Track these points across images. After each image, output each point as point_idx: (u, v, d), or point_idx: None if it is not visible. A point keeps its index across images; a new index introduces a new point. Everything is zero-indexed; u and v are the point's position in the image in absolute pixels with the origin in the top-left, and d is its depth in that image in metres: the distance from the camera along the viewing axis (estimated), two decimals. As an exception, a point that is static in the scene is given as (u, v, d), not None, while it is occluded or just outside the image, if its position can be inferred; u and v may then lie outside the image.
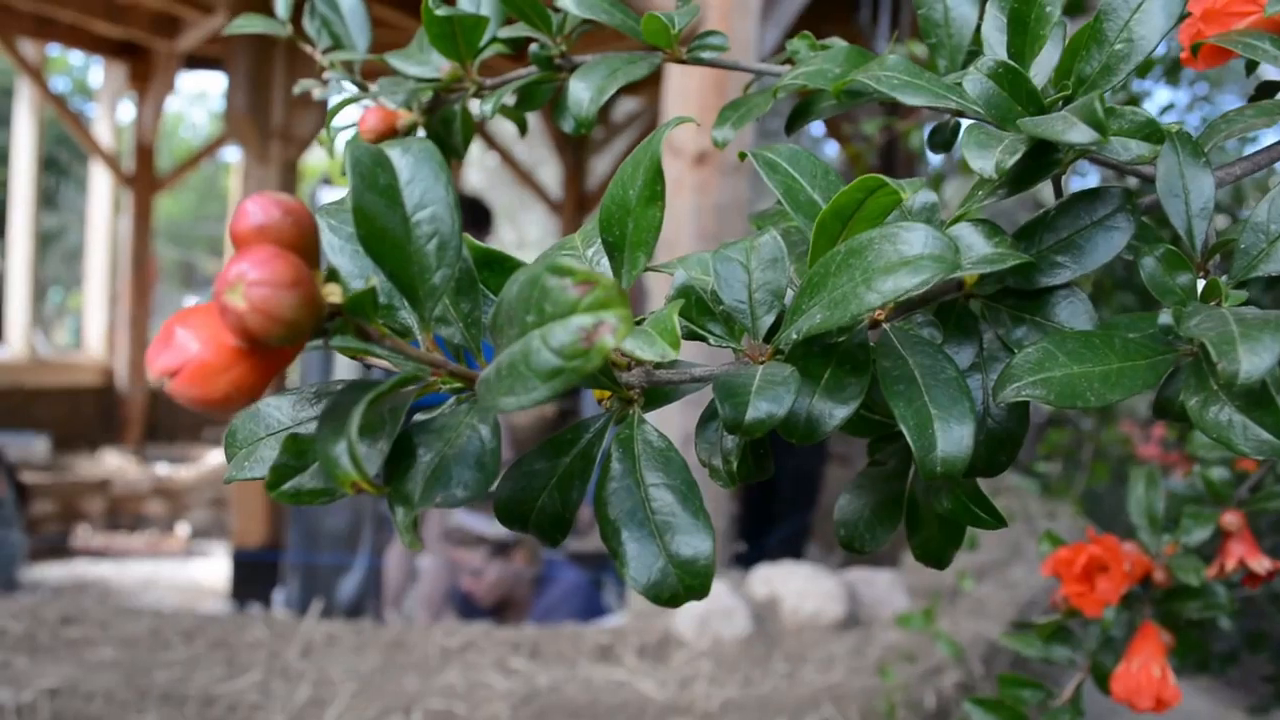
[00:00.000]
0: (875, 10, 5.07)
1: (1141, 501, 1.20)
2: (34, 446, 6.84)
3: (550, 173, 8.85)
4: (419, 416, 0.38)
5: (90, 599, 4.84)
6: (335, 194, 4.18)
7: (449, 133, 0.71)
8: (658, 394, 0.43)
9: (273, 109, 4.82)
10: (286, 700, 2.41)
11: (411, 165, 0.37)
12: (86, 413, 7.59)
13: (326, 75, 0.78)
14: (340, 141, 0.79)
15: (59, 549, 5.96)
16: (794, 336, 0.42)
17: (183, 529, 6.52)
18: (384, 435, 0.34)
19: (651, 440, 0.41)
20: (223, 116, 5.35)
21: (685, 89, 3.00)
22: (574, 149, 8.32)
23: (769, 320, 0.46)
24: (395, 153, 0.38)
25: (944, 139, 0.62)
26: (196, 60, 7.44)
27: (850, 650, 2.88)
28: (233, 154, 11.27)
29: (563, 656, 2.82)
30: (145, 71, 7.33)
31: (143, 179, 7.48)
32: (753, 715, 2.53)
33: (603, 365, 0.32)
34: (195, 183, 16.08)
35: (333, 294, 0.34)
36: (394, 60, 0.70)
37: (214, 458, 7.29)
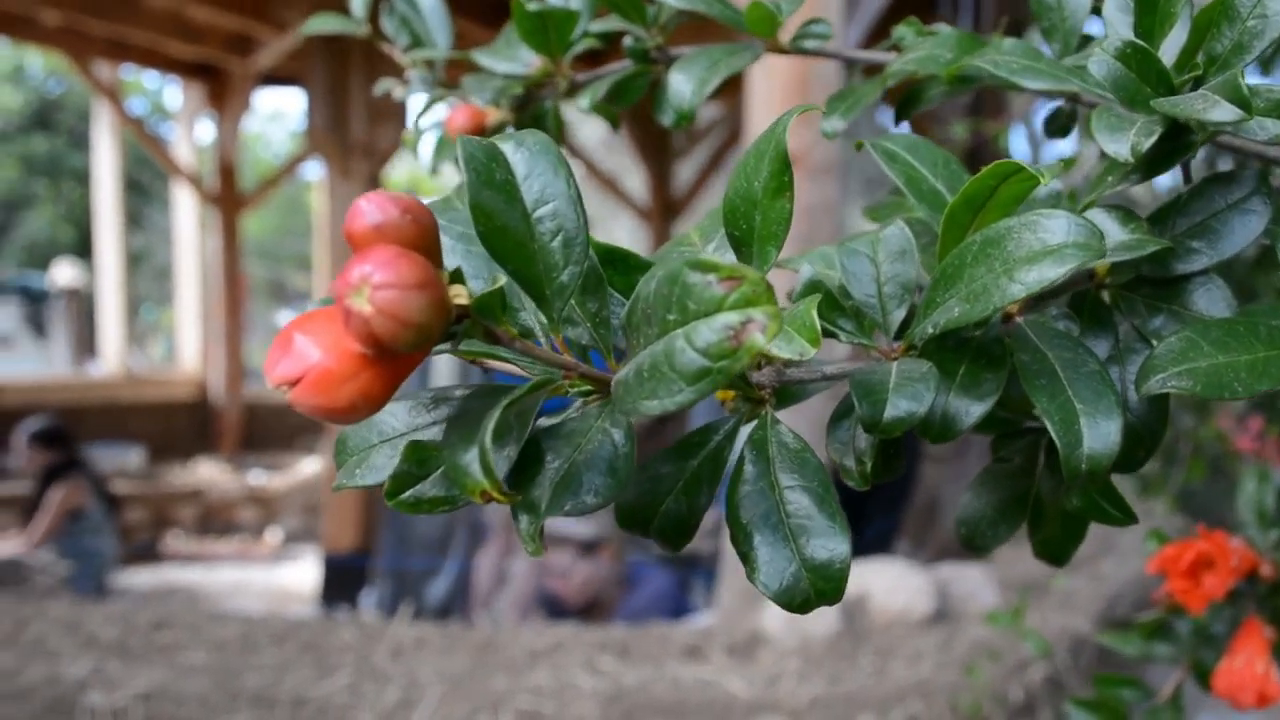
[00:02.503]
0: (955, 7, 4.98)
1: (1251, 497, 1.16)
2: (128, 457, 7.03)
3: (634, 181, 8.85)
4: (545, 421, 0.37)
5: (182, 604, 4.95)
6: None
7: (540, 128, 0.70)
8: (787, 394, 0.41)
9: (352, 123, 4.88)
10: (376, 701, 2.44)
11: (528, 160, 0.36)
12: (181, 425, 7.76)
13: (408, 75, 0.78)
14: (426, 143, 0.79)
15: (149, 555, 6.11)
16: (930, 331, 0.40)
17: (273, 534, 6.64)
18: (512, 441, 0.33)
19: (787, 442, 0.39)
20: (303, 133, 5.43)
21: (769, 90, 2.97)
22: (657, 156, 8.29)
23: (900, 315, 0.44)
24: (509, 147, 0.37)
25: (1060, 124, 0.60)
26: (272, 78, 7.55)
27: (938, 646, 2.83)
28: (314, 171, 11.48)
29: (650, 656, 2.81)
30: (222, 91, 7.45)
31: (227, 197, 7.60)
32: (840, 712, 2.51)
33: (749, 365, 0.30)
34: (278, 200, 16.37)
35: (459, 295, 0.32)
36: (481, 57, 0.69)
37: (307, 466, 7.42)
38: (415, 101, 0.82)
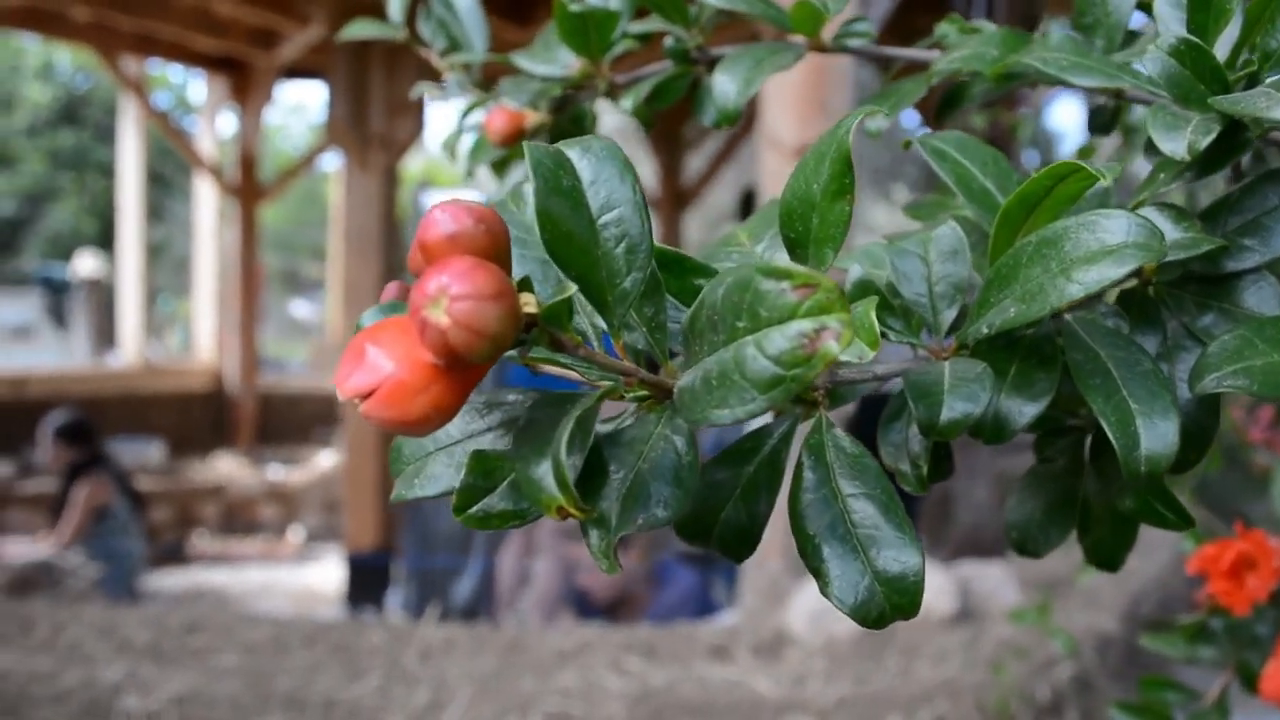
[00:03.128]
0: (969, 4, 4.96)
1: (1285, 494, 1.15)
2: (149, 452, 7.08)
3: (645, 171, 8.89)
4: (601, 428, 0.37)
5: (212, 607, 4.98)
6: (438, 197, 4.24)
7: (580, 131, 0.70)
8: (837, 395, 0.41)
9: (372, 116, 4.90)
10: (406, 703, 2.45)
11: (594, 166, 0.36)
12: (198, 417, 7.83)
13: (445, 78, 0.78)
14: (464, 145, 0.79)
15: (176, 556, 6.15)
16: (984, 331, 0.40)
17: (295, 533, 6.67)
18: (577, 451, 0.33)
19: (844, 446, 0.39)
20: (324, 125, 5.48)
21: (782, 83, 2.96)
22: (668, 147, 8.30)
23: (951, 315, 0.44)
24: (575, 153, 0.37)
25: (1103, 121, 0.59)
26: (294, 71, 7.60)
27: (963, 645, 2.83)
28: (330, 162, 11.52)
29: (677, 656, 2.82)
30: (245, 84, 7.51)
31: (247, 189, 7.67)
32: (867, 712, 2.50)
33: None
34: (294, 191, 16.49)
35: (528, 304, 0.32)
36: (520, 60, 0.69)
37: (324, 460, 7.45)
38: (442, 102, 0.82)
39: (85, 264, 9.61)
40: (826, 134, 0.39)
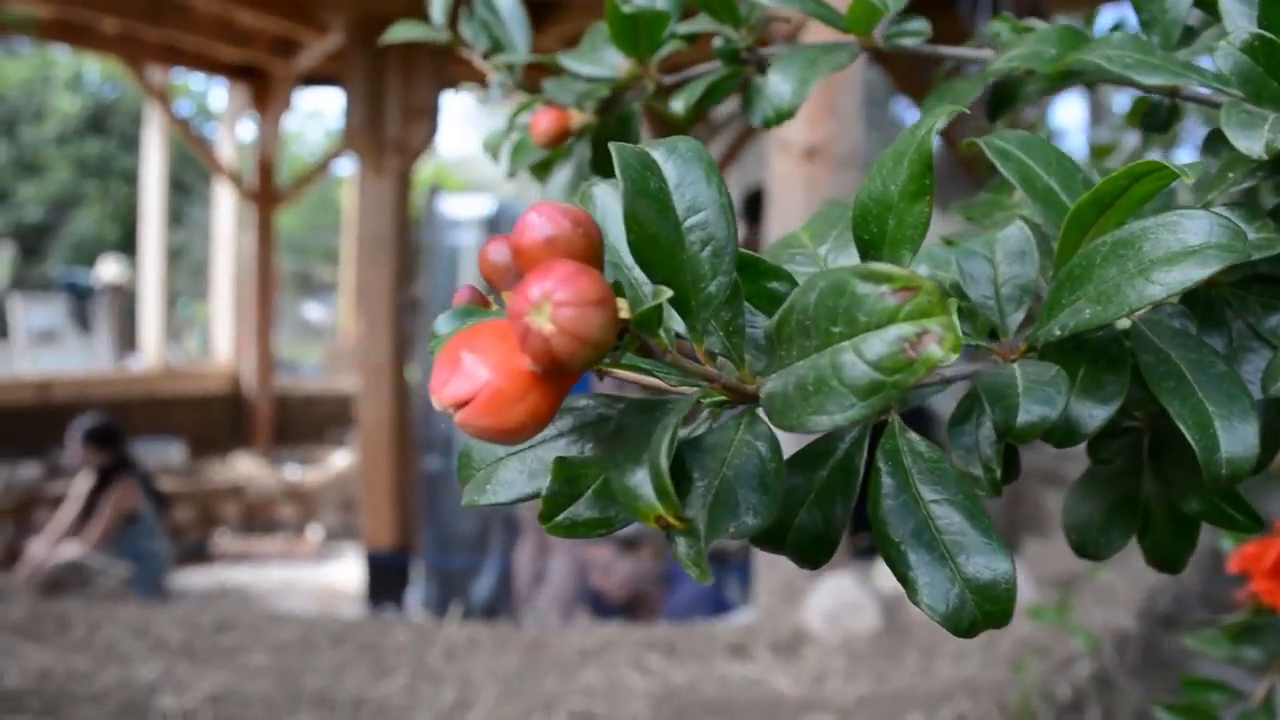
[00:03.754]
0: (974, 3, 4.94)
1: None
2: (170, 453, 7.14)
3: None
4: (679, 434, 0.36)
5: (239, 605, 5.01)
6: (452, 202, 4.25)
7: (626, 131, 0.70)
8: (904, 398, 0.40)
9: (387, 122, 4.93)
10: (433, 701, 2.45)
11: (679, 168, 0.36)
12: (217, 418, 7.89)
13: (492, 79, 0.77)
14: (507, 147, 0.79)
15: (200, 555, 6.19)
16: (1057, 333, 0.39)
17: (314, 532, 6.70)
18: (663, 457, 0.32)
19: (920, 450, 0.38)
20: (341, 131, 5.52)
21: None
22: (676, 148, 8.32)
23: (1018, 317, 0.43)
24: (660, 154, 0.36)
25: (1161, 120, 0.59)
26: (312, 79, 7.67)
27: (982, 643, 2.82)
28: (344, 167, 11.57)
29: (697, 654, 2.81)
30: (265, 92, 7.59)
31: (264, 195, 7.74)
32: (888, 710, 2.50)
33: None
34: (307, 196, 16.56)
35: (621, 309, 0.32)
36: (566, 61, 0.69)
37: (339, 459, 7.50)
38: (484, 104, 0.81)
39: (108, 269, 9.69)
40: (905, 134, 0.38)
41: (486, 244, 0.38)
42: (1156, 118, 0.58)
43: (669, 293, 0.32)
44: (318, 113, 21.76)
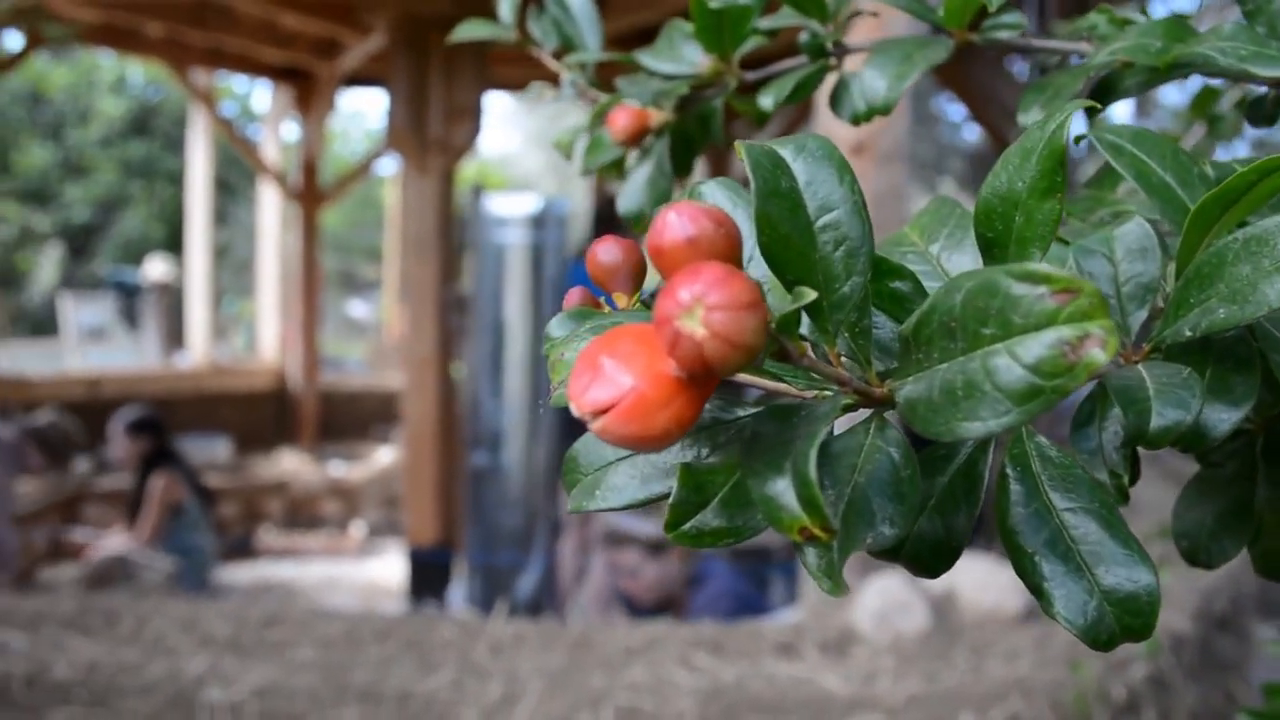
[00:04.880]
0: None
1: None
2: (217, 449, 7.23)
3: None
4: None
5: (284, 601, 5.06)
6: (497, 200, 4.26)
7: (708, 130, 0.69)
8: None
9: (430, 122, 4.95)
10: (479, 697, 2.46)
11: (810, 167, 0.35)
12: (262, 415, 7.98)
13: (563, 78, 0.77)
14: (580, 146, 0.78)
15: (246, 551, 6.26)
16: (1186, 333, 0.38)
17: (357, 528, 6.75)
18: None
19: (1050, 455, 0.37)
20: (385, 131, 5.56)
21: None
22: (715, 144, 8.32)
23: (1140, 316, 0.42)
24: (788, 153, 0.35)
25: (1266, 113, 0.57)
26: (355, 79, 7.73)
27: (1034, 643, 2.78)
28: (386, 166, 11.66)
29: (744, 653, 2.80)
30: (308, 93, 7.67)
31: (309, 194, 7.82)
32: (939, 710, 2.47)
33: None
34: (350, 195, 16.71)
35: None
36: (644, 58, 0.68)
37: (382, 456, 7.55)
38: (554, 101, 0.81)
39: (155, 268, 9.84)
40: (1034, 129, 0.37)
41: (594, 244, 0.37)
42: (1261, 110, 0.56)
43: (812, 295, 0.31)
44: (359, 113, 21.96)
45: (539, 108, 18.90)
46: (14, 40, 8.17)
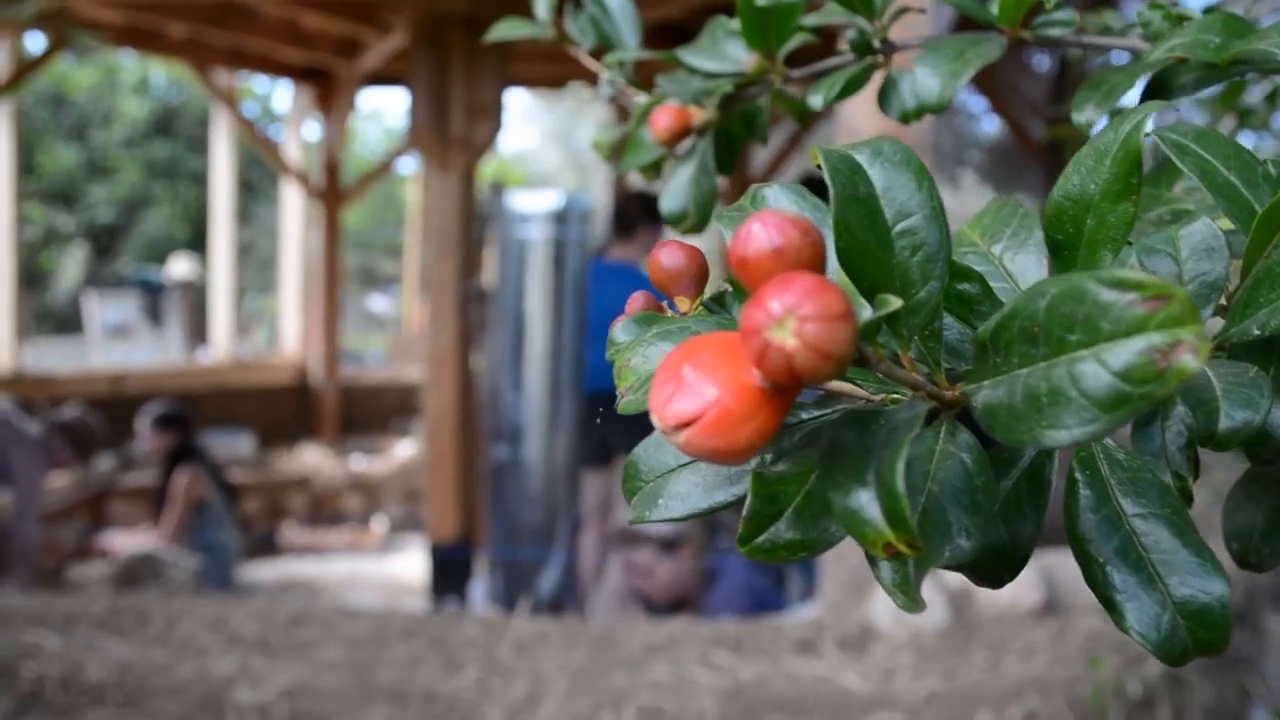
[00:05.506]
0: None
1: None
2: (239, 444, 7.27)
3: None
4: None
5: (310, 599, 5.08)
6: (520, 196, 4.26)
7: (752, 128, 0.68)
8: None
9: (451, 120, 4.96)
10: (503, 696, 2.46)
11: (887, 172, 0.34)
12: (284, 410, 8.03)
13: (606, 76, 0.76)
14: (611, 142, 0.78)
15: (270, 548, 6.28)
16: (1254, 332, 0.37)
17: (379, 523, 6.78)
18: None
19: (1119, 459, 0.36)
20: (404, 130, 5.58)
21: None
22: (734, 140, 8.31)
23: (1206, 315, 0.41)
24: (864, 158, 0.35)
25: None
26: (375, 79, 7.76)
27: (1050, 639, 2.77)
28: (406, 165, 11.70)
29: (764, 650, 2.80)
30: (329, 93, 7.70)
31: (331, 193, 7.86)
32: (957, 707, 2.47)
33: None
34: (371, 192, 16.77)
35: None
36: (687, 56, 0.68)
37: (403, 450, 7.58)
38: (600, 99, 0.81)
39: (179, 267, 9.91)
40: (1108, 130, 0.36)
41: (657, 249, 0.37)
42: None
43: (897, 303, 0.30)
44: (378, 112, 22.02)
45: (557, 104, 18.89)
46: (38, 43, 8.25)
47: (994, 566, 0.37)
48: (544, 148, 20.88)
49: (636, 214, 4.40)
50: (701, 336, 0.31)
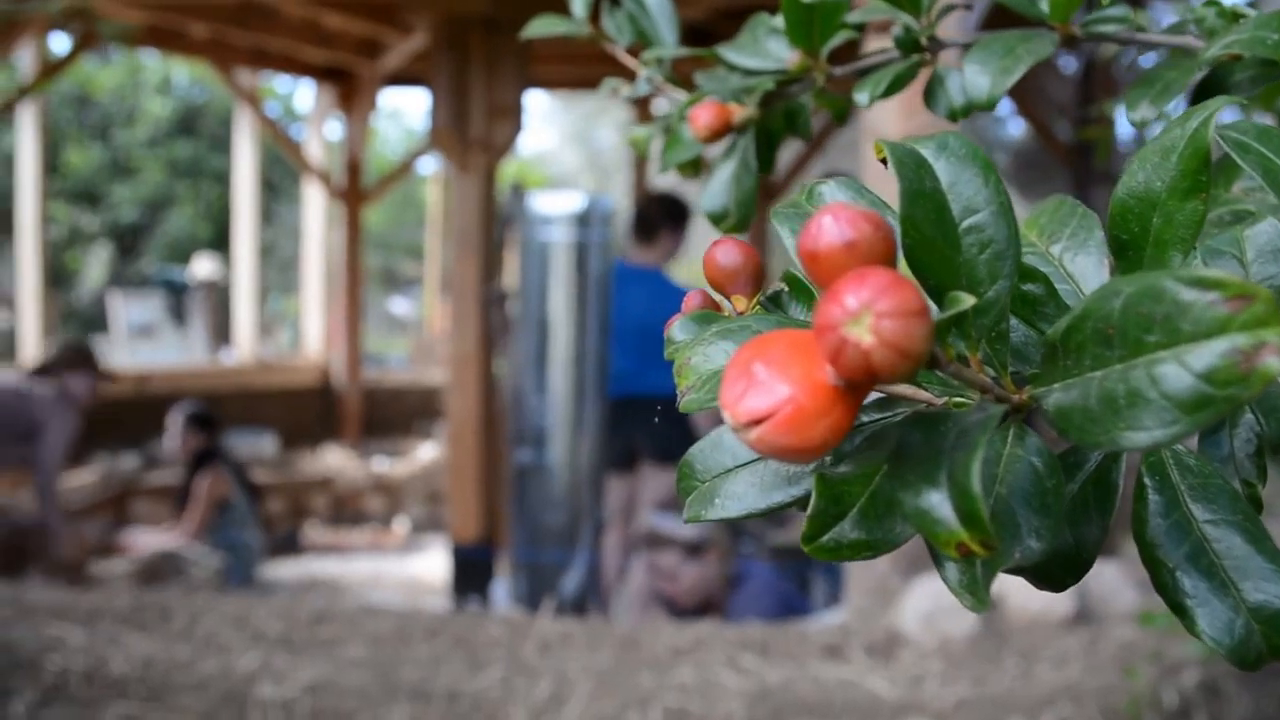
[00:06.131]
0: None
1: None
2: (262, 445, 7.30)
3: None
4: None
5: (331, 597, 5.10)
6: (542, 197, 4.27)
7: (795, 127, 0.68)
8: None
9: (472, 120, 4.97)
10: (527, 696, 2.46)
11: (953, 167, 0.33)
12: (307, 411, 8.06)
13: (644, 74, 0.76)
14: (656, 142, 0.77)
15: (292, 546, 6.31)
16: (1324, 337, 0.36)
17: (400, 524, 6.80)
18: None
19: (1189, 464, 0.35)
20: (424, 130, 5.61)
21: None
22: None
23: (1274, 318, 0.40)
24: (929, 152, 0.34)
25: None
26: (396, 79, 7.79)
27: (1084, 647, 2.75)
28: (427, 165, 11.73)
29: (791, 654, 2.79)
30: (350, 93, 7.73)
31: (353, 193, 7.89)
32: (987, 714, 2.45)
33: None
34: (392, 193, 16.84)
35: None
36: (727, 53, 0.67)
37: (425, 451, 7.60)
38: (630, 98, 0.80)
39: (202, 266, 9.97)
40: (1173, 126, 0.36)
41: (712, 246, 0.36)
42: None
43: (970, 301, 0.29)
44: (398, 112, 22.09)
45: (576, 105, 18.89)
46: (62, 43, 8.31)
47: (1058, 570, 0.37)
48: (563, 149, 20.90)
49: (658, 216, 4.39)
50: (772, 333, 0.30)
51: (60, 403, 4.63)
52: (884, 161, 0.34)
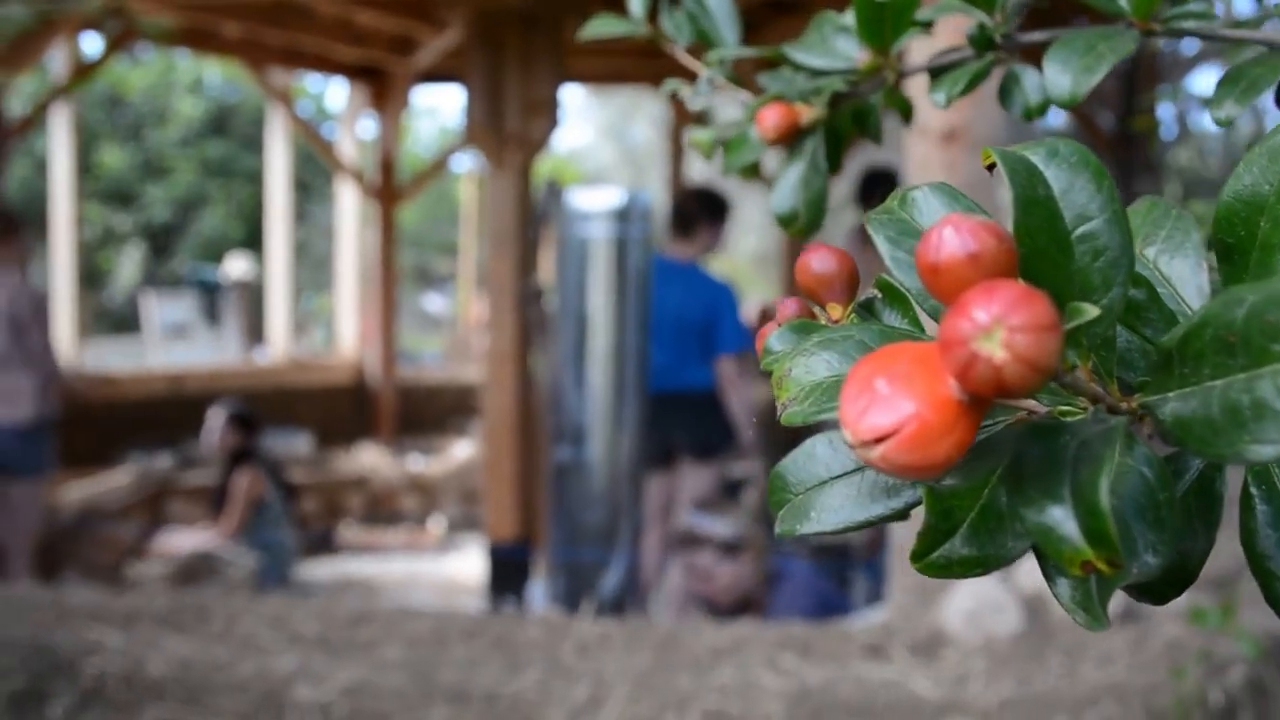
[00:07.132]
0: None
1: None
2: (298, 444, 7.34)
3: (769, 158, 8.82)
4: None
5: (369, 599, 5.13)
6: (581, 194, 4.26)
7: (865, 127, 0.67)
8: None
9: (508, 117, 4.98)
10: (565, 698, 2.46)
11: (1066, 174, 0.32)
12: (342, 409, 8.10)
13: (706, 74, 0.75)
14: (705, 142, 0.76)
15: (327, 547, 6.34)
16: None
17: (436, 523, 6.81)
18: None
19: None
20: (460, 127, 5.62)
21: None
22: (781, 141, 8.28)
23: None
24: (1039, 159, 0.33)
25: None
26: (430, 76, 7.80)
27: (1129, 645, 2.71)
28: (461, 163, 11.77)
29: (832, 654, 2.77)
30: (383, 91, 7.75)
31: (386, 191, 7.91)
32: (1032, 713, 2.42)
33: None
34: (426, 190, 16.88)
35: None
36: (795, 53, 0.66)
37: (460, 450, 7.61)
38: (690, 100, 0.79)
39: (235, 266, 10.05)
40: None
41: (806, 253, 0.35)
42: None
43: (1095, 312, 0.28)
44: (432, 110, 22.15)
45: (610, 100, 18.86)
46: (94, 44, 8.39)
47: (1161, 584, 0.36)
48: (598, 144, 20.87)
49: (696, 211, 4.37)
50: (892, 346, 0.29)
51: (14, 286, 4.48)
52: (991, 168, 0.33)
